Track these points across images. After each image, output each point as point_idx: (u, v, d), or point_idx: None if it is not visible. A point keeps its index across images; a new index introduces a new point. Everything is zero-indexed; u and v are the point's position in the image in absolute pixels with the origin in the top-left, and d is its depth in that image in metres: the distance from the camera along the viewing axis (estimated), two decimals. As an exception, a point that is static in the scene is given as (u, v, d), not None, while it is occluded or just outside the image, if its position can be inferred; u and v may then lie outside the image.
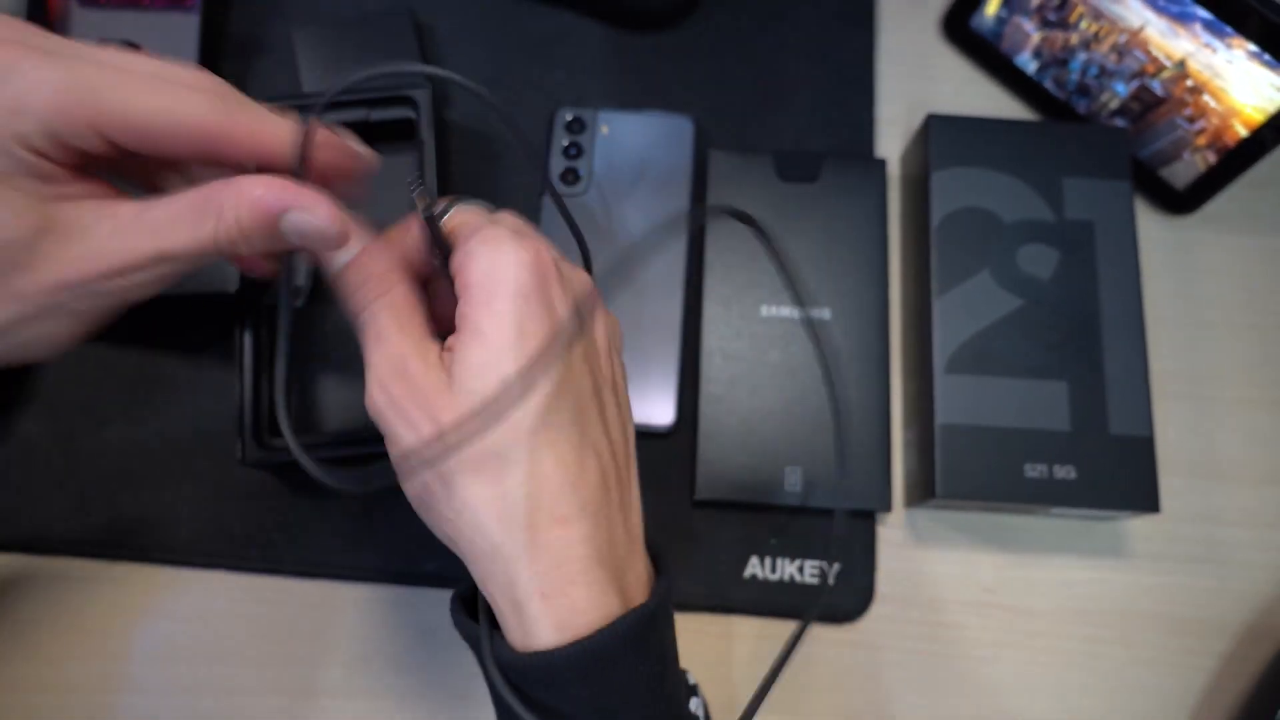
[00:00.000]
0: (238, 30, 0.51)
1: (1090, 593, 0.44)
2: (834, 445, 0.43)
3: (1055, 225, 0.45)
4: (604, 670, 0.27)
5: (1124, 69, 0.47)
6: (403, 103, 0.46)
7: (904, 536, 0.45)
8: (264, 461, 0.41)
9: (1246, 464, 0.46)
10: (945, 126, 0.47)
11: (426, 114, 0.45)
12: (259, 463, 0.41)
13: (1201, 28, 0.43)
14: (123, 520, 0.44)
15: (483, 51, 0.52)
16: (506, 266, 0.29)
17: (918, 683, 0.43)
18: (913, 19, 0.53)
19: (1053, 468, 0.42)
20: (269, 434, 0.42)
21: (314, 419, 0.44)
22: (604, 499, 0.29)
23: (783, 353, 0.45)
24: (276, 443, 0.42)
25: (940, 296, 0.44)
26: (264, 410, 0.42)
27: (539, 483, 0.28)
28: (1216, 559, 0.45)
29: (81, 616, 0.43)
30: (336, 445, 0.41)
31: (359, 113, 0.46)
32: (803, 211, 0.47)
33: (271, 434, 0.42)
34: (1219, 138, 0.46)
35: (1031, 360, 0.43)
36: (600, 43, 0.52)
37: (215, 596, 0.44)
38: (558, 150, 0.49)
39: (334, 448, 0.41)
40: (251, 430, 0.41)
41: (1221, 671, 0.43)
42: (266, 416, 0.42)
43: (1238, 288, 0.49)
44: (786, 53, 0.52)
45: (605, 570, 0.28)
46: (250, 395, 0.42)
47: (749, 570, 0.44)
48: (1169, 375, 0.47)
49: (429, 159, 0.45)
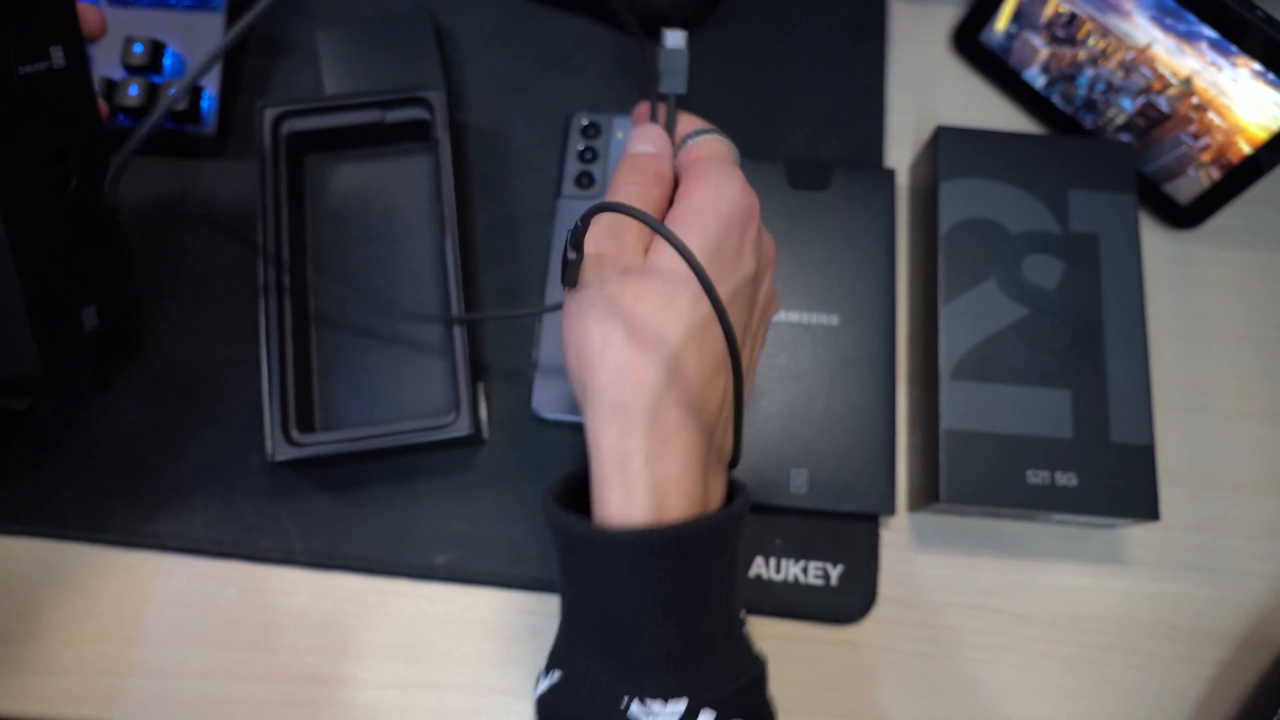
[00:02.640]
0: (262, 30, 0.52)
1: (1089, 599, 0.45)
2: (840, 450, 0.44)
3: (1060, 237, 0.46)
4: (682, 558, 0.29)
5: (1130, 85, 0.48)
6: (417, 104, 0.47)
7: (907, 540, 0.46)
8: (294, 460, 0.42)
9: (1245, 474, 0.47)
10: (954, 138, 0.48)
11: (441, 115, 0.46)
12: (291, 462, 0.42)
13: (1207, 46, 0.44)
14: (137, 508, 0.45)
15: (501, 54, 0.52)
16: (729, 197, 0.32)
17: (918, 684, 0.44)
18: (923, 32, 0.54)
19: (1054, 474, 0.42)
20: (298, 429, 0.43)
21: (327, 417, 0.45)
22: (717, 413, 0.32)
23: (790, 357, 0.46)
24: (305, 439, 0.42)
25: (947, 304, 0.45)
26: (290, 406, 0.43)
27: (680, 369, 0.30)
28: (1215, 568, 0.45)
29: (94, 601, 0.44)
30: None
31: (374, 114, 0.47)
32: (813, 219, 0.48)
33: (301, 429, 0.43)
34: (1223, 154, 0.47)
35: (1035, 368, 0.44)
36: (615, 50, 0.53)
37: (228, 584, 0.44)
38: (573, 154, 0.49)
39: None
40: (279, 427, 0.42)
41: (1218, 680, 0.44)
42: (294, 412, 0.43)
43: (1239, 301, 0.50)
44: (798, 63, 0.53)
45: (699, 464, 0.31)
46: (277, 391, 0.42)
47: (754, 570, 0.44)
48: (1170, 385, 0.48)
49: (444, 159, 0.45)
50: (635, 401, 0.30)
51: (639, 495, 0.29)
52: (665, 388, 0.30)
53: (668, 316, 0.30)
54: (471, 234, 0.49)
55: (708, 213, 0.32)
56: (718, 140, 0.36)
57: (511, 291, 0.48)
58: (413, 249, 0.48)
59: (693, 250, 0.29)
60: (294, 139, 0.46)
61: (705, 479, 0.31)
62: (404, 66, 0.50)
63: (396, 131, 0.48)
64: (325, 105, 0.46)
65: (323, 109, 0.46)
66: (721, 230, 0.32)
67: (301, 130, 0.46)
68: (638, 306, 0.30)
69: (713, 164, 0.34)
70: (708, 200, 0.32)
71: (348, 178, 0.49)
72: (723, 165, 0.34)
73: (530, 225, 0.49)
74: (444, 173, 0.45)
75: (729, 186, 0.33)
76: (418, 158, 0.49)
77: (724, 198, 0.32)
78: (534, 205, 0.49)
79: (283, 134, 0.46)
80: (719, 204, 0.32)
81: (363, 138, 0.48)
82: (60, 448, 0.45)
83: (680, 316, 0.30)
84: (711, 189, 0.33)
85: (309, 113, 0.46)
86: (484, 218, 0.49)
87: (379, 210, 0.48)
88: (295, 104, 0.46)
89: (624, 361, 0.30)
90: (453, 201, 0.45)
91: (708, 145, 0.36)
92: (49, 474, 0.45)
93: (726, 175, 0.33)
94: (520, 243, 0.49)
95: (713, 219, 0.32)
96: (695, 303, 0.31)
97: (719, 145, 0.36)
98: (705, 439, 0.31)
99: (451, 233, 0.45)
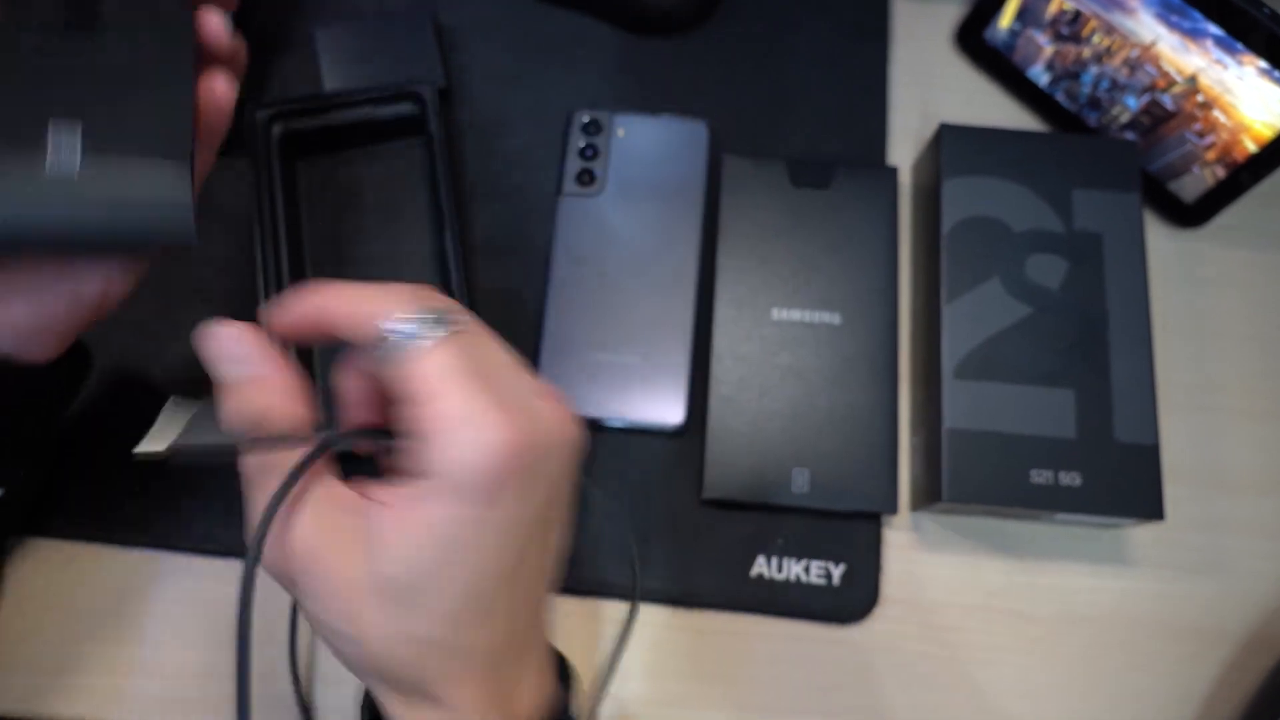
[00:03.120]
0: (262, 29, 0.52)
1: (1093, 599, 0.45)
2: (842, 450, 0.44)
3: (1064, 235, 0.46)
4: None
5: (1135, 83, 0.48)
6: (409, 98, 0.46)
7: (909, 539, 0.46)
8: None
9: (1250, 474, 0.47)
10: (957, 136, 0.47)
11: (433, 108, 0.46)
12: None
13: (1213, 44, 0.44)
14: (139, 507, 0.44)
15: (501, 52, 0.52)
16: (480, 456, 0.25)
17: (920, 684, 0.43)
18: (926, 30, 0.54)
19: (1058, 474, 0.42)
20: None
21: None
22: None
23: (793, 355, 0.46)
24: None
25: (950, 303, 0.45)
26: None
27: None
28: (1219, 567, 0.45)
29: (94, 600, 0.43)
30: None
31: (366, 111, 0.46)
32: (815, 217, 0.48)
33: None
34: (1228, 153, 0.46)
35: (1039, 368, 0.44)
36: (616, 47, 0.53)
37: (227, 584, 0.44)
38: (574, 151, 0.49)
39: None
40: None
41: (1223, 680, 0.44)
42: None
43: (1244, 301, 0.50)
44: (800, 61, 0.53)
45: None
46: None
47: (755, 569, 0.44)
48: (1175, 385, 0.48)
49: (439, 153, 0.45)
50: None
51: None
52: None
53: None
54: (471, 232, 0.49)
55: (460, 489, 0.25)
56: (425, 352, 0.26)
57: (512, 289, 0.48)
58: (413, 246, 0.47)
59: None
60: (287, 139, 0.46)
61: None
62: (404, 64, 0.50)
63: (391, 128, 0.47)
64: (316, 104, 0.46)
65: (314, 108, 0.46)
66: (479, 514, 0.26)
67: (294, 130, 0.46)
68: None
69: (441, 402, 0.26)
70: (450, 467, 0.25)
71: (344, 176, 0.48)
72: (454, 404, 0.26)
73: (531, 223, 0.49)
74: (440, 166, 0.45)
75: (475, 436, 0.25)
76: (413, 154, 0.49)
77: (471, 458, 0.25)
78: (535, 203, 0.49)
79: (275, 135, 0.46)
80: (469, 472, 0.25)
81: (357, 135, 0.48)
82: (61, 446, 0.45)
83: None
84: (455, 452, 0.25)
85: (301, 113, 0.46)
86: (484, 215, 0.49)
87: (377, 208, 0.48)
88: (286, 104, 0.46)
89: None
90: (451, 195, 0.45)
91: (421, 369, 0.26)
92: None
93: (464, 422, 0.25)
94: (521, 241, 0.49)
95: (467, 495, 0.25)
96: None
97: (432, 362, 0.26)
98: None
99: (451, 227, 0.44)
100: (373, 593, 0.26)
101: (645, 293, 0.47)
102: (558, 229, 0.48)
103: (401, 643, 0.27)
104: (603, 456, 0.46)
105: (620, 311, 0.46)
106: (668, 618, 0.44)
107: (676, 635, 0.44)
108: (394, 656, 0.27)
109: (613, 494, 0.45)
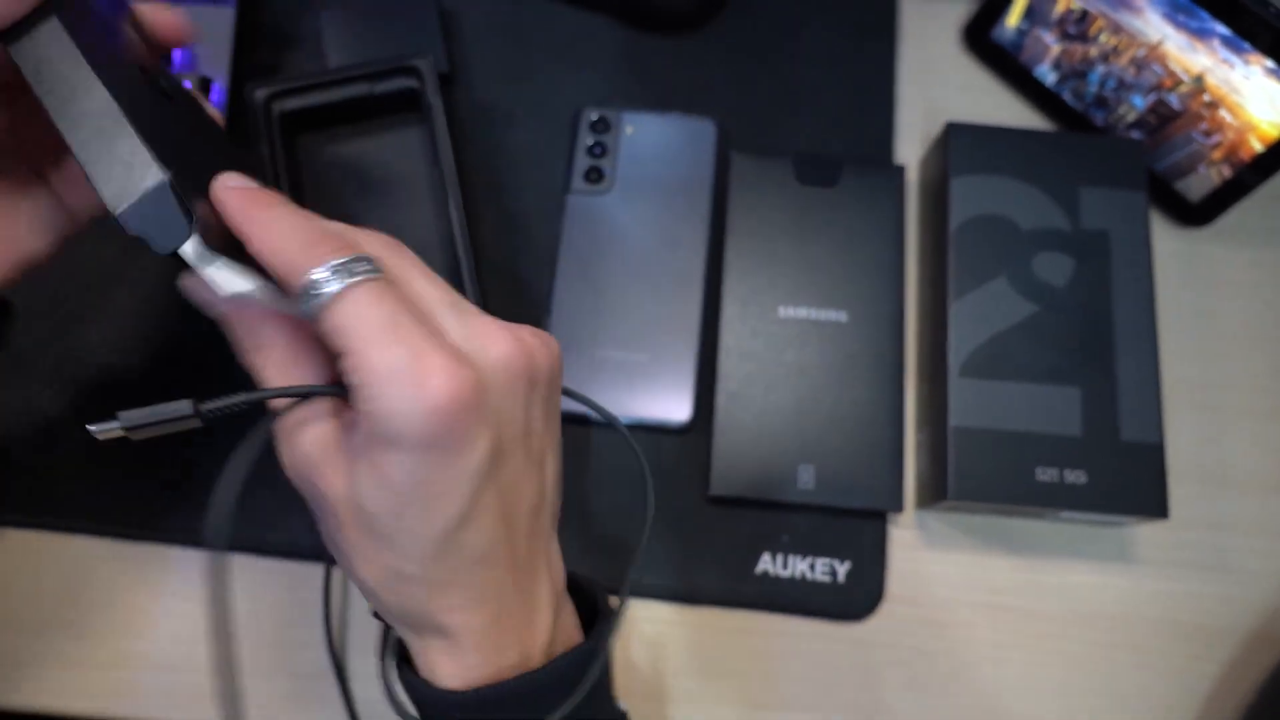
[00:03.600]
0: (271, 22, 0.52)
1: (1097, 597, 0.45)
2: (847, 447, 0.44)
3: (1071, 234, 0.46)
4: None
5: (1142, 82, 0.48)
6: (406, 73, 0.46)
7: (914, 537, 0.46)
8: None
9: (1255, 473, 0.47)
10: (964, 134, 0.47)
11: (431, 81, 0.45)
12: None
13: (1220, 43, 0.44)
14: (147, 501, 0.45)
15: (508, 47, 0.52)
16: (410, 408, 0.25)
17: (925, 682, 0.44)
18: (934, 29, 0.54)
19: (1063, 472, 0.42)
20: None
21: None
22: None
23: (799, 353, 0.46)
24: None
25: (956, 301, 0.45)
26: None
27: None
28: (1223, 566, 0.45)
29: (103, 594, 0.44)
30: None
31: (362, 87, 0.46)
32: (821, 215, 0.48)
33: None
34: (1234, 152, 0.46)
35: (1045, 366, 0.44)
36: (624, 45, 0.53)
37: (236, 578, 0.44)
38: (583, 149, 0.49)
39: None
40: None
41: (1226, 678, 0.44)
42: None
43: (1250, 300, 0.50)
44: (807, 59, 0.53)
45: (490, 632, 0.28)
46: None
47: (761, 566, 0.44)
48: (1180, 384, 0.48)
49: (439, 126, 0.45)
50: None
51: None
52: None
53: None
54: (478, 226, 0.49)
55: (396, 445, 0.26)
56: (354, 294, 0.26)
57: (519, 286, 0.48)
58: (418, 222, 0.47)
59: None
60: (287, 119, 0.46)
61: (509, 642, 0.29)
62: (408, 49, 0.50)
63: (390, 103, 0.47)
64: (313, 82, 0.46)
65: (311, 86, 0.46)
66: (421, 465, 0.26)
67: (293, 109, 0.46)
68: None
69: (373, 349, 0.26)
70: (385, 417, 0.26)
71: (346, 155, 0.48)
72: (386, 351, 0.25)
73: (538, 220, 0.49)
74: (440, 140, 0.45)
75: (407, 389, 0.25)
76: (416, 131, 0.49)
77: (406, 408, 0.25)
78: (542, 201, 0.49)
79: (275, 114, 0.46)
80: (407, 425, 0.25)
81: (356, 112, 0.48)
82: (67, 441, 0.45)
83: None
84: (387, 403, 0.25)
85: (298, 91, 0.46)
86: (491, 212, 0.49)
87: (379, 185, 0.48)
88: (284, 83, 0.46)
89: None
90: (453, 167, 0.44)
91: (346, 313, 0.26)
92: (55, 469, 0.45)
93: (397, 374, 0.25)
94: (527, 238, 0.49)
95: (406, 452, 0.26)
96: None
97: (359, 303, 0.26)
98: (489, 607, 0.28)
99: (455, 198, 0.44)
100: (357, 523, 0.27)
101: (652, 290, 0.47)
102: (565, 226, 0.48)
103: (392, 576, 0.27)
104: (609, 453, 0.46)
105: (627, 309, 0.47)
106: (673, 614, 0.44)
107: (681, 632, 0.44)
108: (390, 590, 0.28)
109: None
